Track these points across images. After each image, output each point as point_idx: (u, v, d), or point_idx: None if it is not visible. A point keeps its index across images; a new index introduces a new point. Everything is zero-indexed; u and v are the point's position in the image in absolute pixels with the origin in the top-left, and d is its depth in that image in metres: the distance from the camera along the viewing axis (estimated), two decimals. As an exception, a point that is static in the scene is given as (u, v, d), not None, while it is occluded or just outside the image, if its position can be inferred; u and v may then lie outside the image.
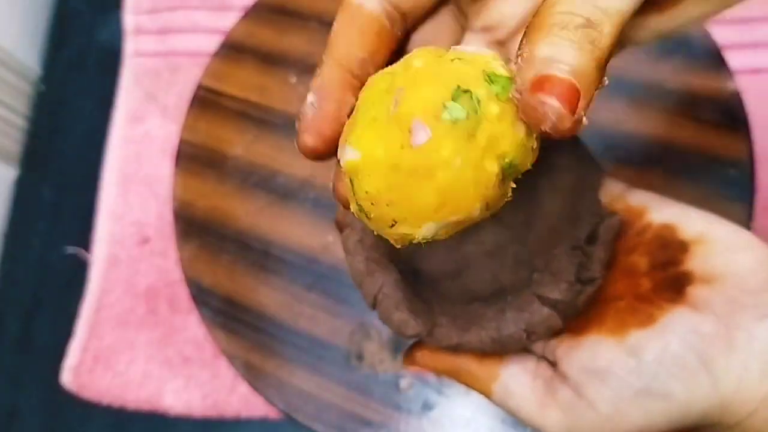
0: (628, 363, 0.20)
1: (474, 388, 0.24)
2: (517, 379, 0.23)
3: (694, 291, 0.20)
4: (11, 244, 0.46)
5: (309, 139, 0.18)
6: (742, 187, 0.36)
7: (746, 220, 0.35)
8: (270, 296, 0.38)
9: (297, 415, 0.35)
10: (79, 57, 0.50)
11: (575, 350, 0.21)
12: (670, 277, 0.21)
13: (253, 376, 0.36)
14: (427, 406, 0.35)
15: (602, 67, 0.15)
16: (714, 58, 0.39)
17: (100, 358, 0.41)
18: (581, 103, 0.15)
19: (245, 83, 0.44)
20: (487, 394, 0.23)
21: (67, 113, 0.49)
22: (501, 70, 0.16)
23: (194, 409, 0.39)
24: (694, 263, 0.21)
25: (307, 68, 0.43)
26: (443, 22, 0.22)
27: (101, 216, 0.44)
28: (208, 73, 0.44)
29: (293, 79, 0.43)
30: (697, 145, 0.37)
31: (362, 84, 0.18)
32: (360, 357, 0.36)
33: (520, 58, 0.15)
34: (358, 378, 0.36)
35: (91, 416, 0.40)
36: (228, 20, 0.46)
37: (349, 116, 0.18)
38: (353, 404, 0.35)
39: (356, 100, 0.17)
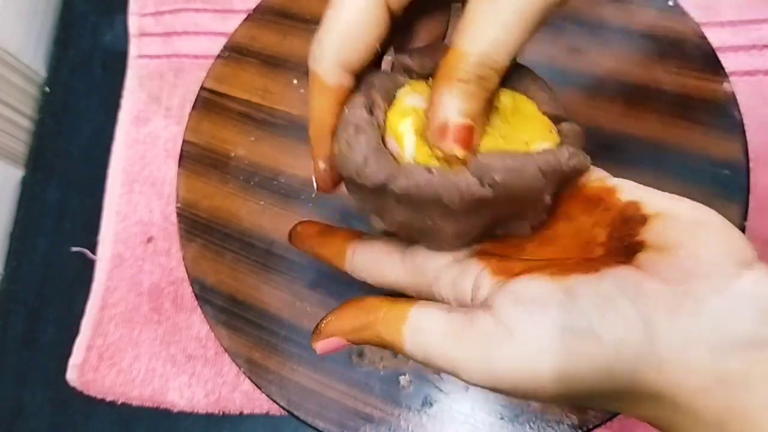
0: (558, 297, 0.18)
1: (385, 341, 0.21)
2: (431, 313, 0.21)
3: (644, 256, 0.19)
4: (17, 243, 0.46)
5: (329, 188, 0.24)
6: (737, 187, 0.36)
7: (740, 221, 0.35)
8: (272, 294, 0.38)
9: (298, 412, 0.36)
10: (84, 59, 0.51)
11: (507, 285, 0.20)
12: (622, 246, 0.20)
13: (255, 373, 0.37)
14: (426, 403, 0.35)
15: (491, 98, 0.20)
16: (709, 60, 0.39)
17: (104, 356, 0.41)
18: (476, 134, 0.20)
19: (248, 85, 0.44)
20: (399, 343, 0.21)
21: (72, 115, 0.49)
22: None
23: (197, 405, 0.39)
24: (649, 234, 0.19)
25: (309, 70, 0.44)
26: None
27: (106, 216, 0.45)
28: (212, 76, 0.45)
29: (295, 81, 0.44)
30: (692, 145, 0.37)
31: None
32: (361, 354, 0.37)
33: (430, 101, 0.20)
34: (359, 375, 0.36)
35: (95, 412, 0.40)
36: (231, 23, 0.47)
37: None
38: (354, 401, 0.36)
39: None
